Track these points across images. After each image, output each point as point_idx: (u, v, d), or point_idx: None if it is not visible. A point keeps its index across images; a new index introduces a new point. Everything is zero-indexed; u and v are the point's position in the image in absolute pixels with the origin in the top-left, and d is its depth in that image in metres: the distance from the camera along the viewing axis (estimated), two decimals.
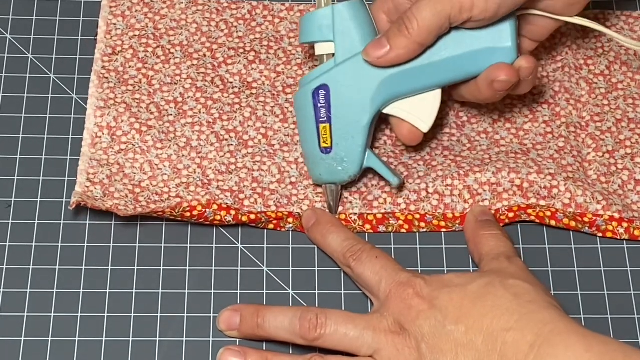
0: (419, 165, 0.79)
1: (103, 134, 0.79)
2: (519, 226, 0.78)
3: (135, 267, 0.75)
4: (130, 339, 0.73)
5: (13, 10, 0.85)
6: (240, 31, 0.85)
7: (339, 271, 0.76)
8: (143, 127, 0.80)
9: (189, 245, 0.76)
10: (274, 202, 0.77)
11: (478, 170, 0.78)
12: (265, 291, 0.75)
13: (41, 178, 0.78)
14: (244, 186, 0.78)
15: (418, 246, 0.77)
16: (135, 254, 0.76)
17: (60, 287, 0.74)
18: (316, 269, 0.76)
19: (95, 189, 0.77)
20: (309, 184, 0.78)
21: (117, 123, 0.80)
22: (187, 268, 0.76)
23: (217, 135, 0.80)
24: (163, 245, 0.76)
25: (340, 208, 0.78)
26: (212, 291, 0.75)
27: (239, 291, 0.75)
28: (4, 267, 0.75)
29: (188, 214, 0.76)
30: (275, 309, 0.72)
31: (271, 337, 0.72)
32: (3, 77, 0.82)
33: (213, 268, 0.76)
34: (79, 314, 0.73)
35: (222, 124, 0.81)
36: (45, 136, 0.80)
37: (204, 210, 0.76)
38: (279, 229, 0.77)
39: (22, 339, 0.72)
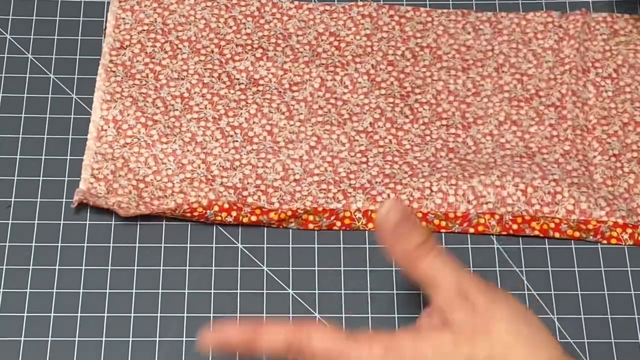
0: (423, 166, 0.79)
1: (109, 127, 0.79)
2: None
3: (135, 267, 0.75)
4: (130, 339, 0.73)
5: (13, 10, 0.85)
6: (248, 28, 0.85)
7: (338, 271, 0.76)
8: (149, 122, 0.80)
9: (189, 245, 0.76)
10: (277, 199, 0.77)
11: (483, 173, 0.78)
12: (265, 291, 0.75)
13: (41, 178, 0.78)
14: (248, 183, 0.78)
15: None
16: (135, 254, 0.76)
17: (60, 287, 0.74)
18: (316, 268, 0.76)
19: (99, 185, 0.77)
20: (313, 180, 0.78)
21: (123, 116, 0.80)
22: (187, 268, 0.76)
23: (222, 131, 0.80)
24: (163, 245, 0.76)
25: (344, 202, 0.78)
26: (212, 291, 0.75)
27: (239, 291, 0.75)
28: (4, 267, 0.75)
29: (189, 214, 0.76)
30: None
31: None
32: (3, 77, 0.82)
33: (213, 268, 0.76)
34: (79, 314, 0.73)
35: (227, 120, 0.81)
36: (45, 136, 0.80)
37: (204, 211, 0.76)
38: (281, 227, 0.77)
39: (22, 339, 0.72)
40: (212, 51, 0.84)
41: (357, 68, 0.84)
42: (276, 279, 0.75)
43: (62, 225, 0.77)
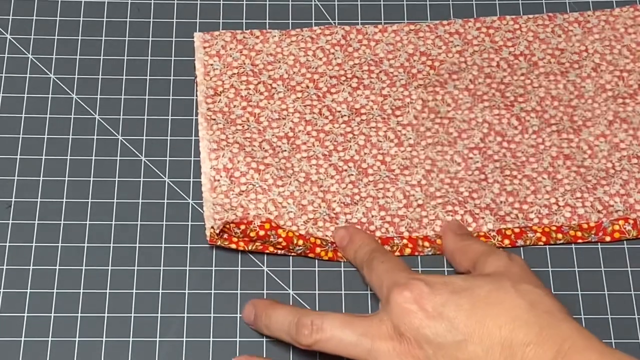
0: (543, 178, 0.78)
1: (221, 176, 0.78)
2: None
3: (135, 267, 0.75)
4: (130, 339, 0.73)
5: (13, 10, 0.85)
6: (338, 57, 0.84)
7: (339, 271, 0.76)
8: (260, 166, 0.78)
9: (189, 246, 0.76)
10: (405, 227, 0.77)
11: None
12: (265, 291, 0.75)
13: (41, 178, 0.78)
14: (372, 216, 0.77)
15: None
16: (135, 254, 0.76)
17: (60, 287, 0.74)
18: (316, 269, 0.76)
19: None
20: (437, 203, 0.78)
21: (234, 164, 0.78)
22: (187, 268, 0.76)
23: (335, 167, 0.79)
24: (163, 245, 0.76)
25: (474, 225, 0.77)
26: (212, 291, 0.75)
27: (239, 291, 0.75)
28: (4, 267, 0.75)
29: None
30: (279, 309, 0.71)
31: (276, 338, 0.71)
32: (3, 77, 0.82)
33: (213, 268, 0.76)
34: (79, 314, 0.74)
35: (338, 155, 0.79)
36: (45, 136, 0.80)
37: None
38: (416, 253, 0.77)
39: (22, 339, 0.72)
40: (308, 86, 0.82)
41: (455, 85, 0.82)
42: (276, 279, 0.76)
43: (62, 225, 0.77)
